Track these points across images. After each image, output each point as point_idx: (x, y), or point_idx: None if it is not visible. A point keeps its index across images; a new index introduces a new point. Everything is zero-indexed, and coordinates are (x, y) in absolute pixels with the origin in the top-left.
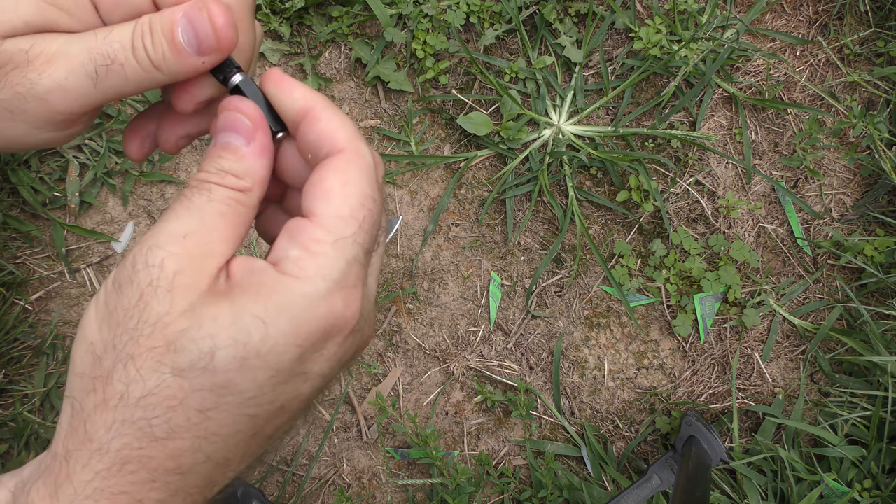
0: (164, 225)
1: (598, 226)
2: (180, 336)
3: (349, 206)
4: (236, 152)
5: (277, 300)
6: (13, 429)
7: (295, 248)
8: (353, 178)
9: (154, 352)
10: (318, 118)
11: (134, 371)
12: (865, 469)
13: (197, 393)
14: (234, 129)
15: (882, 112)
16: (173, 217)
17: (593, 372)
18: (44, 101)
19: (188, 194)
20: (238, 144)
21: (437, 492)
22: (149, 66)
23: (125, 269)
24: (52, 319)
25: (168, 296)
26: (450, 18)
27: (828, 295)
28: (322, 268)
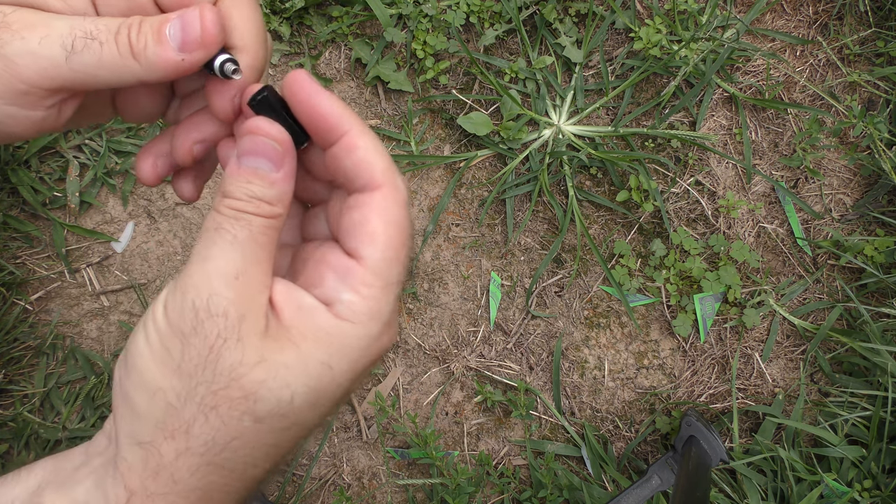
0: (213, 265)
1: (598, 226)
2: (259, 387)
3: (394, 248)
4: (266, 178)
5: (339, 345)
6: (13, 429)
7: (347, 291)
8: (394, 217)
9: (235, 402)
10: (356, 146)
11: (217, 422)
12: (865, 469)
13: (273, 433)
14: (264, 154)
15: (882, 112)
16: (219, 254)
17: (593, 372)
18: (10, 64)
19: (227, 227)
20: (267, 170)
21: (437, 492)
22: (127, 52)
23: (185, 317)
24: (52, 319)
25: (239, 345)
26: (450, 18)
27: (828, 295)
28: (374, 312)
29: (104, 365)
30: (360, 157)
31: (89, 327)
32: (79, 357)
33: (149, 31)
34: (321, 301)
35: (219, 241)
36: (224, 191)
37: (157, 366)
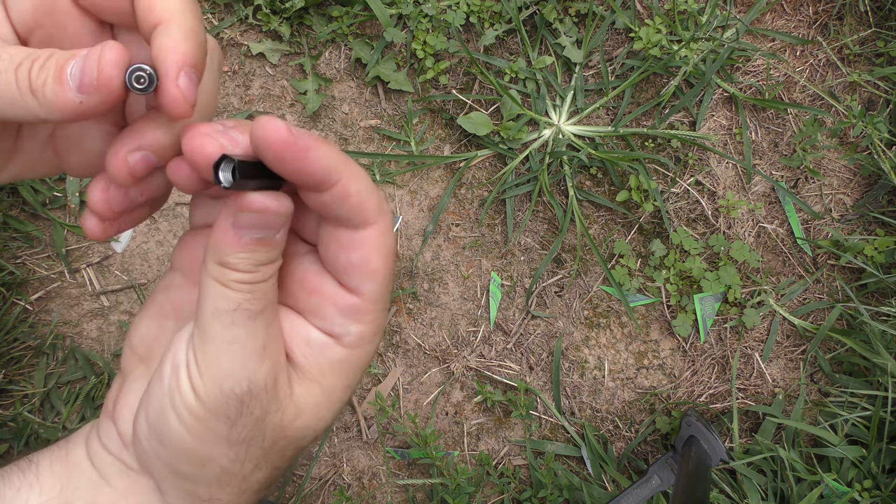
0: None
1: (598, 226)
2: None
3: (389, 275)
4: (271, 244)
5: (353, 368)
6: (13, 429)
7: (354, 324)
8: (388, 251)
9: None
10: (349, 194)
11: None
12: (865, 469)
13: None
14: (268, 227)
15: (882, 112)
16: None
17: (593, 372)
18: None
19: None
20: (271, 237)
21: (437, 492)
22: (26, 87)
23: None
24: (52, 319)
25: (279, 411)
26: (450, 18)
27: (828, 295)
28: (377, 330)
29: (104, 365)
30: (354, 203)
31: (89, 327)
32: (79, 357)
33: (51, 69)
34: (328, 334)
35: (239, 321)
36: (225, 262)
37: (202, 443)
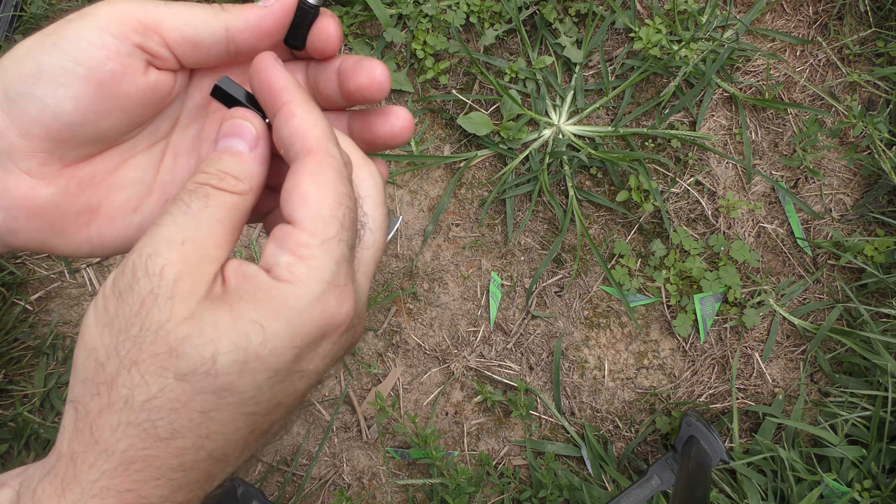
0: (161, 231)
1: (598, 226)
2: (182, 342)
3: (328, 206)
4: (238, 156)
5: (274, 305)
6: (13, 429)
7: (284, 254)
8: (326, 180)
9: (157, 357)
10: (293, 114)
11: (138, 376)
12: (865, 469)
13: (199, 395)
14: (240, 135)
15: (882, 112)
16: (170, 222)
17: (593, 372)
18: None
19: (186, 199)
20: (241, 149)
21: (437, 492)
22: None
23: (125, 277)
24: (52, 319)
25: (168, 303)
26: (450, 18)
27: (828, 295)
28: (314, 270)
29: None
30: (295, 126)
31: None
32: None
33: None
34: (262, 268)
35: (173, 211)
36: (197, 169)
37: (96, 326)
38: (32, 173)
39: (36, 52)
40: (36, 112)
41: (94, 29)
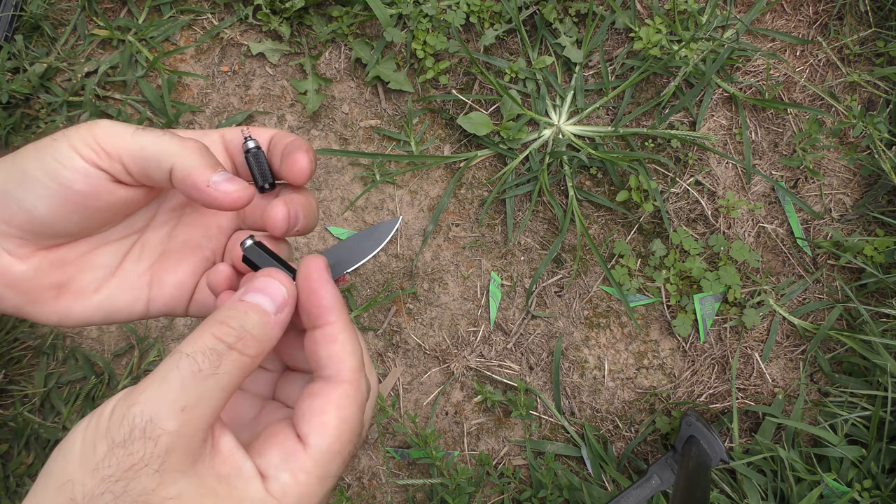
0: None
1: (598, 226)
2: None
3: (341, 443)
4: (264, 316)
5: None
6: (13, 429)
7: (286, 473)
8: (349, 415)
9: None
10: (335, 339)
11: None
12: (865, 469)
13: None
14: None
15: (882, 112)
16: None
17: (593, 372)
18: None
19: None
20: (268, 309)
21: (437, 492)
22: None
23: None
24: None
25: (156, 476)
26: (450, 18)
27: (828, 295)
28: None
29: (104, 365)
30: (335, 351)
31: (89, 327)
32: (79, 357)
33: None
34: (259, 471)
35: (183, 368)
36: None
37: (80, 459)
38: (10, 252)
39: (24, 162)
40: (15, 208)
41: (68, 151)
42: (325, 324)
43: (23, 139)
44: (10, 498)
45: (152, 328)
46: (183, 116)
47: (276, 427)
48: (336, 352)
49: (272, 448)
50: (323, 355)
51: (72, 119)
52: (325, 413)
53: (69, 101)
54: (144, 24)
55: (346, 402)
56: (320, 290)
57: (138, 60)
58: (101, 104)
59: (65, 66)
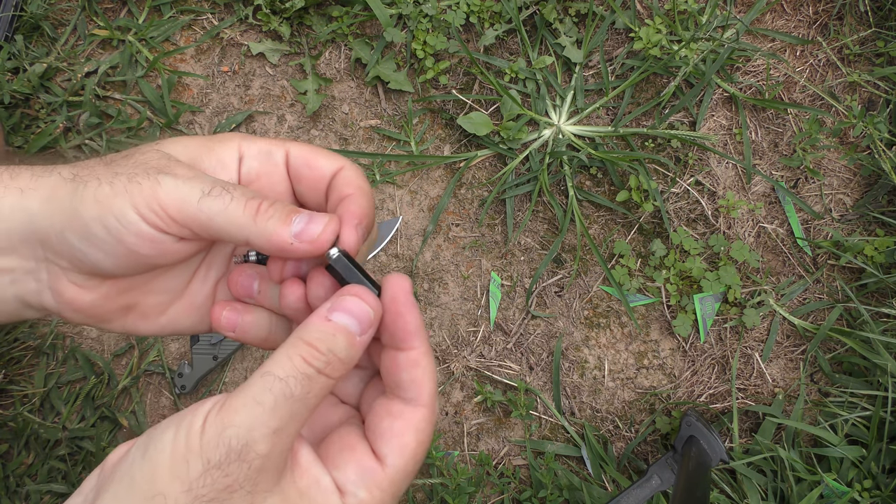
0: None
1: (598, 226)
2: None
3: (415, 462)
4: (351, 338)
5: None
6: (13, 429)
7: (363, 490)
8: (424, 438)
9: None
10: (418, 364)
11: None
12: (865, 469)
13: None
14: (357, 316)
15: (882, 112)
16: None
17: (593, 372)
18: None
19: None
20: (354, 331)
21: (437, 492)
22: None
23: (219, 450)
24: (52, 320)
25: (248, 496)
26: (450, 18)
27: (828, 295)
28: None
29: (104, 365)
30: (417, 375)
31: (89, 327)
32: (79, 357)
33: (280, 209)
34: (337, 486)
35: (276, 392)
36: (305, 337)
37: (171, 474)
38: (77, 284)
39: (84, 211)
40: (80, 257)
41: (132, 216)
42: (409, 348)
43: (22, 139)
44: (10, 498)
45: None
46: (183, 116)
47: (349, 439)
48: (418, 376)
49: (349, 463)
50: (405, 378)
51: (72, 119)
52: (405, 436)
53: (69, 101)
54: (144, 24)
55: (424, 425)
56: (407, 314)
57: (138, 60)
58: (100, 104)
59: (65, 66)
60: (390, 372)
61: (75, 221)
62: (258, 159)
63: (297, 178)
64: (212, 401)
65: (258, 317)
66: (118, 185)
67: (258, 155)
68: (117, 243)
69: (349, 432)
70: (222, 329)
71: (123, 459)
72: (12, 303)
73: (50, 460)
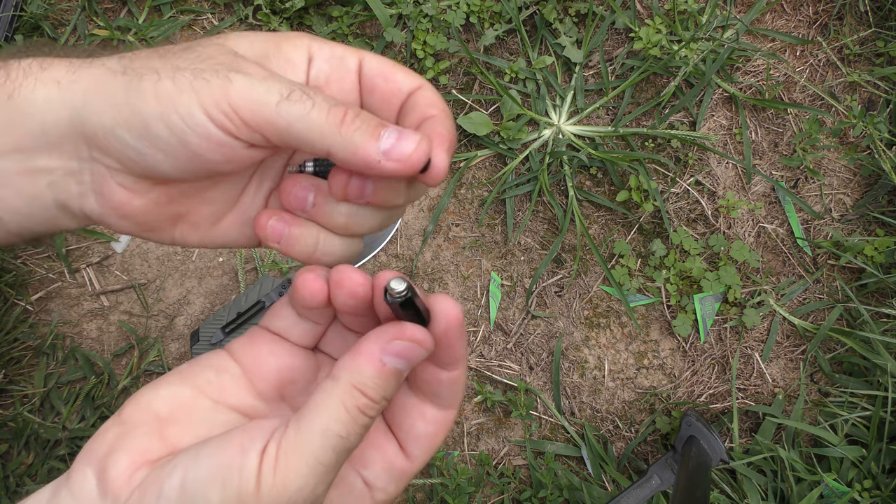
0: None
1: (598, 226)
2: None
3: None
4: (399, 377)
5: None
6: (13, 429)
7: (393, 485)
8: (447, 431)
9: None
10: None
11: None
12: (865, 469)
13: None
14: (410, 360)
15: (882, 112)
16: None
17: (593, 372)
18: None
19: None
20: (403, 371)
21: (437, 492)
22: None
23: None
24: (53, 319)
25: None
26: (450, 18)
27: (828, 295)
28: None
29: (104, 365)
30: (456, 390)
31: (89, 327)
32: (79, 357)
33: (367, 121)
34: (367, 483)
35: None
36: (361, 386)
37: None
38: (126, 187)
39: (143, 108)
40: (135, 157)
41: (199, 115)
42: (454, 370)
43: None
44: (10, 498)
45: (152, 328)
46: None
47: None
48: (457, 391)
49: (377, 463)
50: (444, 393)
51: None
52: (438, 437)
53: None
54: (144, 24)
55: (452, 423)
56: (457, 344)
57: None
58: None
59: None
60: (429, 384)
61: (133, 118)
62: (329, 63)
63: (369, 89)
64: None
65: (307, 231)
66: (182, 81)
67: (330, 59)
68: (180, 145)
69: (373, 430)
70: (267, 239)
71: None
72: (51, 209)
73: (50, 460)
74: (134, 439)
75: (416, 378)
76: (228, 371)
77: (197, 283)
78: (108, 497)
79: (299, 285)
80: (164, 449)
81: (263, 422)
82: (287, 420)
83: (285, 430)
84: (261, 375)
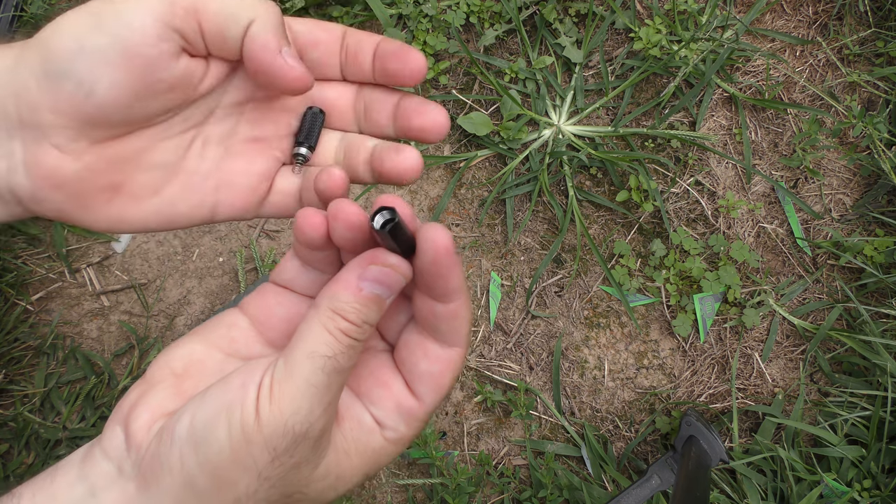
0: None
1: (598, 226)
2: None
3: (445, 396)
4: (382, 305)
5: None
6: (13, 429)
7: (403, 424)
8: (457, 374)
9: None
10: (458, 315)
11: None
12: (865, 469)
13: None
14: (389, 286)
15: (882, 112)
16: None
17: (593, 372)
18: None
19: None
20: (385, 298)
21: (437, 492)
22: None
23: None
24: (53, 319)
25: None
26: (450, 18)
27: (828, 295)
28: (412, 436)
29: (104, 365)
30: (457, 325)
31: (90, 327)
32: (79, 357)
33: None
34: (377, 421)
35: (328, 370)
36: (339, 309)
37: (236, 466)
38: (61, 148)
39: (78, 31)
40: (71, 89)
41: (138, 11)
42: (449, 302)
43: None
44: None
45: (152, 328)
46: None
47: (381, 374)
48: (458, 326)
49: (386, 401)
50: (444, 328)
51: None
52: (444, 377)
53: None
54: None
55: (460, 364)
56: (449, 275)
57: None
58: None
59: None
60: (427, 319)
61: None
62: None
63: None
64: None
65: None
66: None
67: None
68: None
69: (380, 366)
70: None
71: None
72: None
73: (50, 460)
74: (154, 396)
75: (416, 313)
76: (238, 325)
77: (197, 282)
78: (132, 449)
79: (300, 221)
80: (180, 402)
81: (261, 360)
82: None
83: (277, 362)
84: (269, 325)
